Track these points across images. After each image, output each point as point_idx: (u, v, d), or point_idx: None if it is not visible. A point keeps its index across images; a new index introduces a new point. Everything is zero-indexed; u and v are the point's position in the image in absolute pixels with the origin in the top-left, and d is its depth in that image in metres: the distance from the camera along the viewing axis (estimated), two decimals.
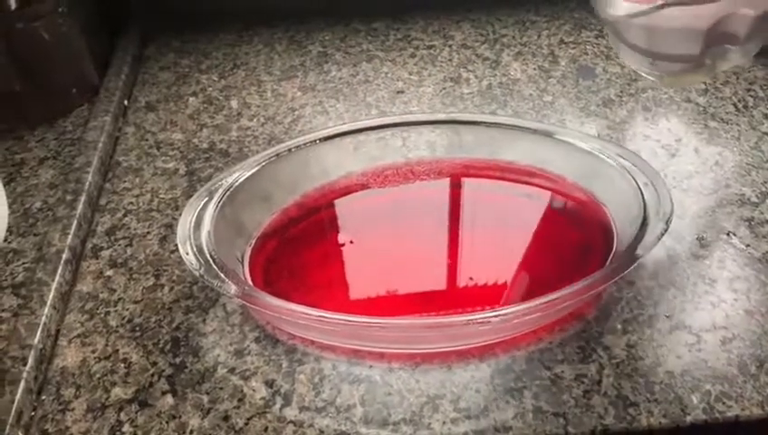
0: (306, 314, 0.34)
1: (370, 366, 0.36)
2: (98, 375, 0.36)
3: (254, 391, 0.35)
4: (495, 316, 0.33)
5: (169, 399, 0.35)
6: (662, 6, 0.34)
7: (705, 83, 0.55)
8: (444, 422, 0.33)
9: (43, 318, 0.38)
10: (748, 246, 0.42)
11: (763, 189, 0.46)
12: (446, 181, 0.46)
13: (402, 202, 0.45)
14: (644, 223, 0.37)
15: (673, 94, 0.54)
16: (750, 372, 0.35)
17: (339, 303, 0.39)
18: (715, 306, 0.38)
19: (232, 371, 0.36)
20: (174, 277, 0.41)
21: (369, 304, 0.39)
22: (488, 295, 0.39)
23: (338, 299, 0.39)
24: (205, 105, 0.56)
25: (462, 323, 0.34)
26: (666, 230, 0.36)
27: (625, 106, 0.53)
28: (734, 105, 0.53)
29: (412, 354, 0.36)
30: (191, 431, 0.34)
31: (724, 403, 0.34)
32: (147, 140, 0.52)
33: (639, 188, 0.39)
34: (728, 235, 0.43)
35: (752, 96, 0.54)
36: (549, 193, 0.44)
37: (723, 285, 0.39)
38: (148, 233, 0.44)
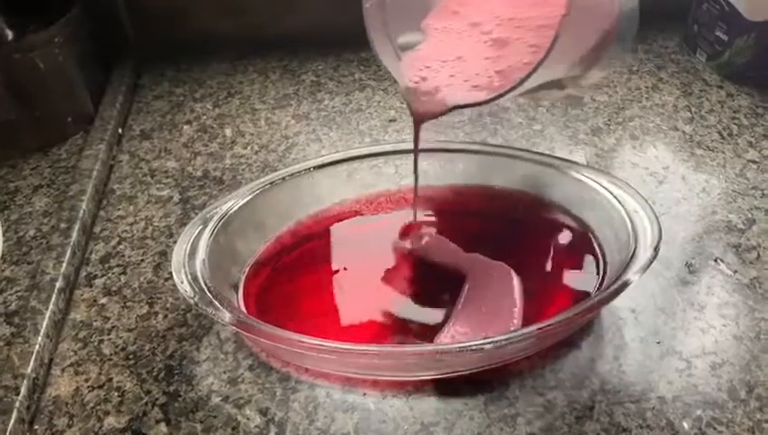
0: (300, 341, 0.34)
1: (364, 394, 0.36)
2: (91, 404, 0.36)
3: (247, 419, 0.35)
4: (488, 343, 0.34)
5: (163, 428, 0.35)
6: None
7: (690, 111, 0.57)
8: None
9: (37, 347, 0.38)
10: (736, 272, 0.42)
11: (749, 216, 0.46)
12: (438, 208, 0.47)
13: (395, 229, 0.45)
14: (633, 250, 0.38)
15: (660, 123, 0.56)
16: (740, 397, 0.35)
17: (333, 330, 0.39)
18: (704, 332, 0.39)
19: (226, 399, 0.36)
20: (168, 305, 0.41)
21: (362, 332, 0.39)
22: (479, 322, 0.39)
23: (331, 327, 0.40)
24: (199, 133, 0.56)
25: (455, 351, 0.34)
26: (655, 257, 0.37)
27: (613, 134, 0.54)
28: (719, 133, 0.54)
29: (406, 382, 0.37)
30: None
31: (715, 429, 0.34)
32: (141, 168, 0.53)
33: (628, 215, 0.40)
34: (716, 261, 0.43)
35: (736, 124, 0.55)
36: (539, 220, 0.45)
37: (712, 311, 0.40)
38: (142, 261, 0.44)
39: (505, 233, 0.45)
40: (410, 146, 0.48)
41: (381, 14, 0.39)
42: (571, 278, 0.41)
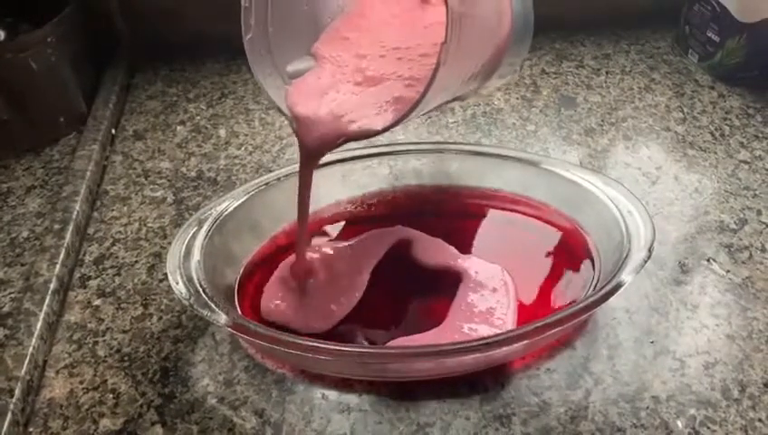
0: (295, 343, 0.34)
1: (360, 395, 0.36)
2: (86, 406, 0.36)
3: (243, 420, 0.35)
4: (483, 344, 0.34)
5: (159, 430, 0.35)
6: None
7: (682, 112, 0.57)
8: None
9: (31, 349, 0.37)
10: (728, 271, 0.43)
11: (741, 216, 0.47)
12: (432, 208, 0.47)
13: (389, 231, 0.45)
14: (627, 250, 0.38)
15: (652, 123, 0.56)
16: (733, 396, 0.36)
17: (327, 331, 0.39)
18: (697, 332, 0.39)
19: (221, 400, 0.36)
20: (162, 306, 0.41)
21: (356, 333, 0.39)
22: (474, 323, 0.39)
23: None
24: (193, 134, 0.56)
25: (450, 351, 0.34)
26: (648, 257, 0.37)
27: (606, 135, 0.55)
28: (711, 134, 0.55)
29: (402, 382, 0.37)
30: None
31: (708, 428, 0.34)
32: (135, 168, 0.53)
33: (622, 216, 0.40)
34: (708, 261, 0.43)
35: (728, 125, 0.56)
36: (533, 221, 0.45)
37: (704, 311, 0.40)
38: (136, 262, 0.44)
39: (499, 234, 0.45)
40: (405, 146, 0.48)
41: (265, 43, 0.38)
42: (566, 279, 0.41)
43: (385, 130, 0.35)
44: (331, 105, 0.37)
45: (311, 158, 0.37)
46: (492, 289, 0.40)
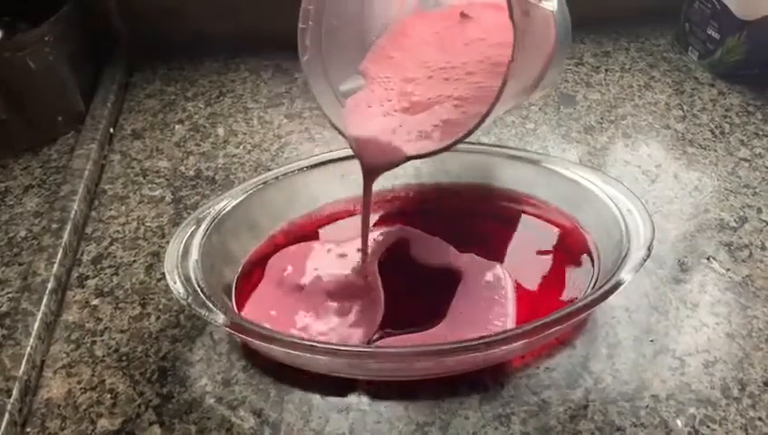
0: (293, 343, 0.34)
1: (359, 394, 0.36)
2: (84, 406, 0.36)
3: (241, 420, 0.35)
4: (482, 343, 0.34)
5: (157, 429, 0.35)
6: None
7: (682, 110, 0.57)
8: None
9: (28, 349, 0.37)
10: (728, 270, 0.43)
11: (741, 214, 0.47)
12: (431, 207, 0.47)
13: (389, 229, 0.45)
14: (626, 249, 0.38)
15: (652, 121, 0.56)
16: (733, 395, 0.36)
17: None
18: (697, 330, 0.39)
19: (219, 400, 0.36)
20: (160, 306, 0.41)
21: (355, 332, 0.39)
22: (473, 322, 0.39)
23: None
24: (191, 133, 0.56)
25: (449, 350, 0.34)
26: (648, 256, 0.37)
27: (605, 132, 0.54)
28: (711, 131, 0.54)
29: (401, 382, 0.37)
30: None
31: (708, 427, 0.34)
32: (133, 167, 0.52)
33: (621, 214, 0.40)
34: (708, 259, 0.43)
35: (728, 123, 0.55)
36: (532, 219, 0.45)
37: (704, 309, 0.40)
38: (134, 261, 0.44)
39: (499, 232, 0.45)
40: None
41: (320, 63, 0.39)
42: (565, 278, 0.41)
43: (439, 151, 0.36)
44: (386, 127, 0.37)
45: (370, 175, 0.39)
46: (491, 288, 0.40)
